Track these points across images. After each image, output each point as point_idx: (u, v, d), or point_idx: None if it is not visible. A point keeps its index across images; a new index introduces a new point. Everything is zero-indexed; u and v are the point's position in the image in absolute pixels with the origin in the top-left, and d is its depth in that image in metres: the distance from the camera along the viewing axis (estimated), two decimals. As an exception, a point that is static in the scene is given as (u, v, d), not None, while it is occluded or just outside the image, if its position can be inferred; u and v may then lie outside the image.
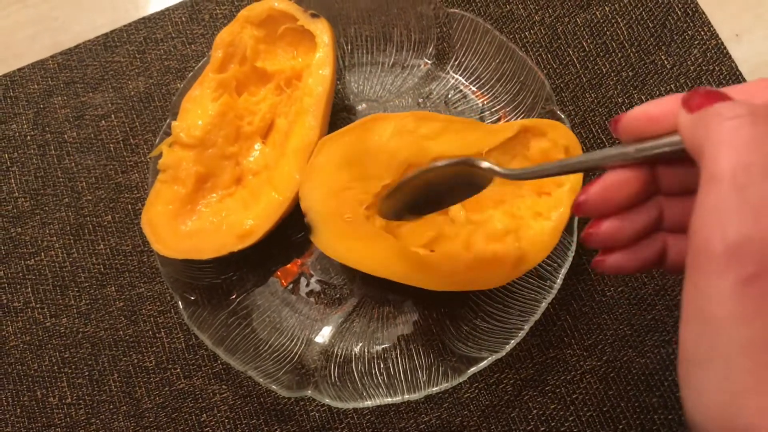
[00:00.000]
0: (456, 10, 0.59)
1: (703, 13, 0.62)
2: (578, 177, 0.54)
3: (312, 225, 0.53)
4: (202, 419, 0.57)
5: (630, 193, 0.34)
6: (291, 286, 0.58)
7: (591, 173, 0.57)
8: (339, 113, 0.62)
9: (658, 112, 0.32)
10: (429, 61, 0.62)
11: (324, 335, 0.57)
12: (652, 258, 0.36)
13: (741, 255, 0.26)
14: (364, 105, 0.62)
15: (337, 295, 0.58)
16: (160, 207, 0.55)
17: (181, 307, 0.54)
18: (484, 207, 0.55)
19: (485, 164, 0.43)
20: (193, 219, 0.56)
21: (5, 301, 0.60)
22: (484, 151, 0.54)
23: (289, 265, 0.59)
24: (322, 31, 0.56)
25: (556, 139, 0.54)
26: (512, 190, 0.56)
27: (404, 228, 0.54)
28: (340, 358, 0.56)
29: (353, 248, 0.52)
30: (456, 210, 0.55)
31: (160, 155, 0.56)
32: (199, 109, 0.56)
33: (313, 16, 0.56)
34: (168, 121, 0.58)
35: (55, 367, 0.58)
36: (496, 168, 0.42)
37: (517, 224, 0.54)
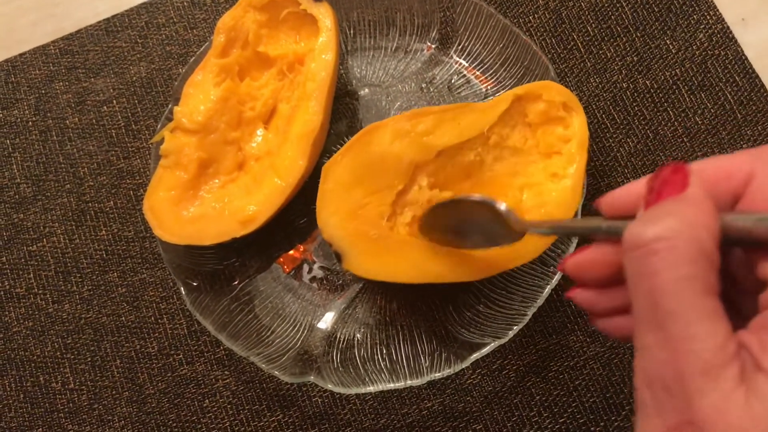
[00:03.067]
0: (459, -6, 0.59)
1: (709, -3, 0.62)
2: (583, 128, 0.54)
3: (340, 252, 0.52)
4: (205, 405, 0.57)
5: (607, 272, 0.34)
6: (293, 272, 0.58)
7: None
8: (342, 98, 0.61)
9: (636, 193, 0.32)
10: (432, 46, 0.61)
11: (327, 321, 0.57)
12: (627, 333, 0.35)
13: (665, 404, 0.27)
14: (366, 90, 0.62)
15: (340, 281, 0.58)
16: (162, 193, 0.55)
17: (183, 293, 0.54)
18: (501, 184, 0.55)
19: (503, 207, 0.43)
20: (195, 205, 0.55)
21: (8, 287, 0.60)
22: (485, 129, 0.54)
23: (291, 252, 0.59)
24: (324, 15, 0.56)
25: (551, 98, 0.54)
26: (524, 159, 0.56)
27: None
28: (343, 343, 0.56)
29: (387, 263, 0.51)
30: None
31: (161, 141, 0.56)
32: (201, 94, 0.56)
33: (316, 0, 0.56)
34: (170, 106, 0.58)
35: (58, 353, 0.58)
36: (511, 215, 0.42)
37: (537, 190, 0.54)
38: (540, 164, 0.55)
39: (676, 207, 0.28)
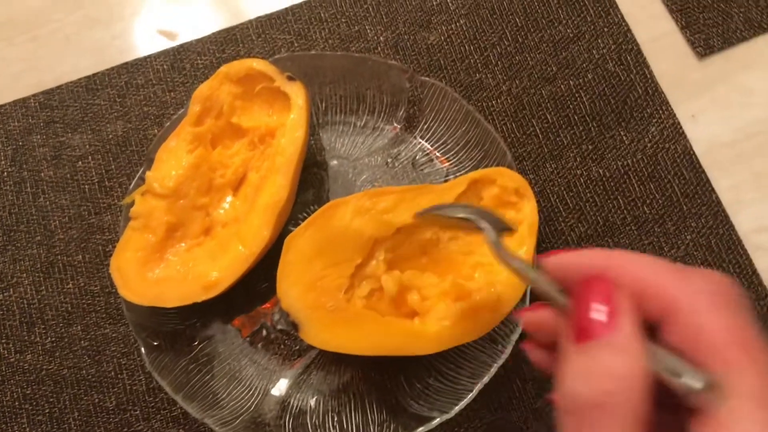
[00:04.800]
0: (427, 79, 0.62)
1: (663, 92, 0.66)
2: (533, 213, 0.57)
3: (297, 323, 0.54)
4: (158, 462, 0.58)
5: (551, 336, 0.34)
6: (252, 335, 0.60)
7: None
8: (310, 168, 0.64)
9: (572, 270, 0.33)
10: (398, 126, 0.64)
11: (282, 386, 0.58)
12: None
13: None
14: (335, 161, 0.64)
15: (297, 347, 0.60)
16: (130, 254, 0.57)
17: (143, 352, 0.56)
18: (455, 262, 0.58)
19: (483, 224, 0.44)
20: (161, 267, 0.57)
21: (-29, 335, 0.61)
22: None
23: (251, 315, 0.61)
24: (297, 94, 0.58)
25: (505, 183, 0.57)
26: (477, 239, 0.58)
27: (384, 301, 0.56)
28: (296, 409, 0.57)
29: (342, 335, 0.53)
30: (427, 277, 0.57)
31: (132, 202, 0.58)
32: (173, 160, 0.58)
33: (290, 78, 0.59)
34: (143, 169, 0.60)
35: (17, 403, 0.60)
36: (490, 233, 0.43)
37: (489, 269, 0.57)
38: None
39: (609, 360, 0.28)
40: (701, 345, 0.28)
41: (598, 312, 0.29)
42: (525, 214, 0.57)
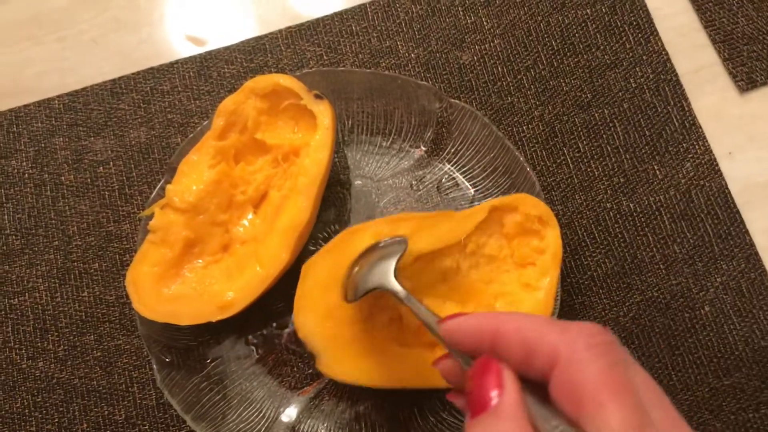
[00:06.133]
0: (457, 102, 0.60)
1: (700, 127, 0.63)
2: (557, 241, 0.55)
3: (314, 353, 0.53)
4: (165, 479, 0.58)
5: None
6: (265, 355, 0.59)
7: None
8: (333, 187, 0.63)
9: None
10: (424, 148, 0.62)
11: (293, 410, 0.57)
12: None
13: None
14: (359, 181, 0.63)
15: (310, 370, 0.59)
16: (146, 268, 0.56)
17: (155, 369, 0.55)
18: (476, 291, 0.56)
19: (392, 286, 0.46)
20: (177, 283, 0.56)
21: (-15, 338, 0.61)
22: (462, 238, 0.55)
23: (265, 334, 0.60)
24: (323, 113, 0.57)
25: (528, 211, 0.56)
26: (498, 267, 0.57)
27: (403, 330, 0.55)
28: (306, 435, 0.57)
29: (360, 366, 0.52)
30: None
31: (151, 215, 0.57)
32: (194, 174, 0.57)
33: (317, 97, 0.57)
34: (164, 179, 0.59)
35: (26, 411, 0.59)
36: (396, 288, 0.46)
37: (511, 299, 0.55)
38: (514, 273, 0.57)
39: (498, 426, 0.32)
40: (578, 392, 0.31)
41: (487, 389, 0.33)
42: (548, 242, 0.56)
